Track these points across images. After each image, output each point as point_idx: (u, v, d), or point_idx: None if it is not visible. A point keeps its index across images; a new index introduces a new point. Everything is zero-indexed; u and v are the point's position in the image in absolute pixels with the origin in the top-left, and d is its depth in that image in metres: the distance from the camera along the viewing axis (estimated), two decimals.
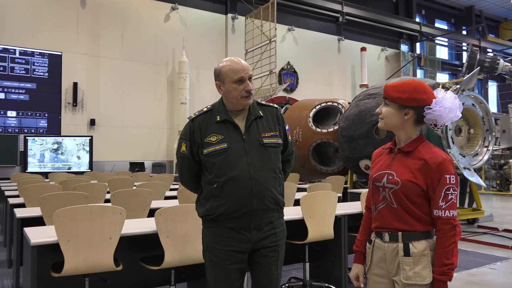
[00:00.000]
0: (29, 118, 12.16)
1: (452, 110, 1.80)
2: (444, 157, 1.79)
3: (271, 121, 2.25)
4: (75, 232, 2.59)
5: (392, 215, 1.83)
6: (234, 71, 2.13)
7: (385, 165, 1.91)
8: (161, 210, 2.89)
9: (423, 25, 20.34)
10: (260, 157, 2.14)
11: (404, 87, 1.83)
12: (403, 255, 1.79)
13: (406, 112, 1.83)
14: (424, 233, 1.80)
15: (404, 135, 1.87)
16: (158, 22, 14.06)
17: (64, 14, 12.46)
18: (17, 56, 12.01)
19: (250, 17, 13.41)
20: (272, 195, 2.15)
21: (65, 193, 4.03)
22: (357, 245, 2.02)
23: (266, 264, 2.17)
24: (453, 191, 1.75)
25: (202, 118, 2.19)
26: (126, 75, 13.41)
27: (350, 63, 18.37)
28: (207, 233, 2.18)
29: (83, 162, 12.23)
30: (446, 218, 1.74)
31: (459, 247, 5.79)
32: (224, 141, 2.11)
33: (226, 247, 2.11)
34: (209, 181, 2.13)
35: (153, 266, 2.95)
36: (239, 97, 2.14)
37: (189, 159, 2.19)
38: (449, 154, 6.74)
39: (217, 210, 2.11)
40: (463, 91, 6.89)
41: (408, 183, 1.79)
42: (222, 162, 2.10)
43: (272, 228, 2.18)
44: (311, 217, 3.67)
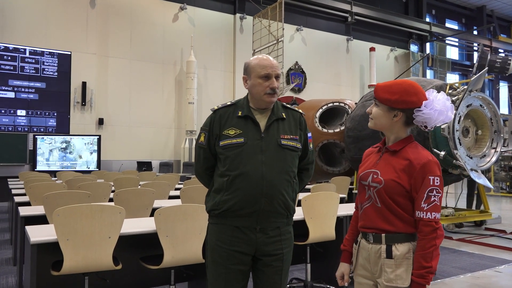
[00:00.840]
0: (39, 117, 12.29)
1: (442, 113, 1.78)
2: (429, 158, 1.77)
3: (293, 125, 2.22)
4: (74, 231, 2.61)
5: (377, 214, 1.82)
6: (261, 66, 2.11)
7: (372, 164, 1.90)
8: (160, 210, 2.90)
9: (433, 25, 20.15)
10: (276, 158, 2.10)
11: (395, 88, 1.80)
12: (385, 257, 1.78)
13: (395, 114, 1.82)
14: (408, 235, 1.78)
15: (393, 135, 1.86)
16: (166, 22, 14.12)
17: (73, 14, 12.58)
18: (27, 55, 12.15)
19: (258, 17, 13.41)
20: (282, 198, 2.10)
21: (68, 192, 4.06)
22: (345, 244, 2.02)
23: (269, 273, 2.12)
24: (436, 193, 1.73)
25: (224, 111, 2.17)
26: (134, 75, 13.50)
27: (359, 63, 18.28)
28: (212, 230, 2.16)
29: (91, 161, 12.33)
30: (427, 220, 1.72)
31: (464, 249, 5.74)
32: (241, 136, 2.09)
33: (230, 246, 2.08)
34: (221, 174, 2.11)
35: (152, 266, 2.96)
36: (263, 93, 2.11)
37: (206, 150, 2.17)
38: (456, 155, 6.67)
39: (224, 204, 2.08)
40: (470, 91, 6.81)
41: (392, 182, 1.77)
42: (236, 156, 2.07)
43: (279, 234, 2.13)
44: (312, 218, 3.65)
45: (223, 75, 15.06)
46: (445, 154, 6.77)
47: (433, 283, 4.32)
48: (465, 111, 6.85)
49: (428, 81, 7.59)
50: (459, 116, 6.74)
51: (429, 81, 7.57)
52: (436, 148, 6.91)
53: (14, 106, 11.98)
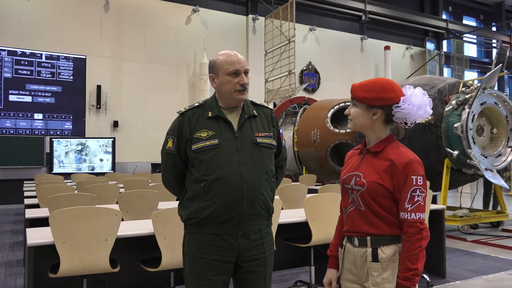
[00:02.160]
0: (55, 120, 12.50)
1: (421, 107, 1.73)
2: (411, 157, 1.72)
3: (265, 121, 2.13)
4: (71, 233, 2.62)
5: (361, 218, 1.77)
6: (229, 62, 2.01)
7: (354, 166, 1.85)
8: (158, 212, 2.89)
9: (450, 22, 19.80)
10: (253, 157, 2.00)
11: (371, 86, 1.77)
12: (371, 261, 1.73)
13: (374, 112, 1.77)
14: (393, 237, 1.73)
15: (373, 135, 1.81)
16: (179, 25, 14.21)
17: (88, 19, 12.77)
18: (43, 60, 12.38)
19: (269, 17, 13.38)
20: (263, 199, 2.01)
21: (73, 194, 4.10)
22: (331, 249, 1.96)
23: (252, 279, 2.02)
24: (420, 192, 1.68)
25: (192, 113, 2.05)
26: (148, 77, 13.62)
27: (374, 62, 18.07)
28: (189, 240, 2.03)
29: (106, 163, 12.48)
30: (412, 221, 1.67)
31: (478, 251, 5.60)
32: (215, 137, 1.98)
33: (210, 256, 1.96)
34: (196, 180, 1.98)
35: (151, 268, 2.95)
36: (233, 91, 2.01)
37: (175, 157, 2.04)
38: (470, 155, 6.51)
39: (202, 212, 1.95)
40: (484, 89, 6.64)
41: (374, 184, 1.73)
42: (212, 159, 1.95)
43: (260, 237, 2.03)
44: (315, 219, 3.60)
45: None
46: (458, 153, 6.62)
47: (443, 287, 4.21)
48: (479, 109, 6.69)
49: (441, 79, 7.45)
50: (472, 114, 6.58)
51: (442, 79, 7.42)
52: (449, 148, 6.77)
53: (31, 110, 12.22)
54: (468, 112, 6.53)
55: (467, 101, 6.68)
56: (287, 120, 10.68)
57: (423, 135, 6.93)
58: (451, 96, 7.03)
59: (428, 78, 7.58)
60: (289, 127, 10.47)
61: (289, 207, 4.98)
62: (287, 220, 3.64)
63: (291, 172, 10.42)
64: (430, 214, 4.38)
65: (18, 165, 11.73)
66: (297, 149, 9.82)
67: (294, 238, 3.86)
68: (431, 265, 4.53)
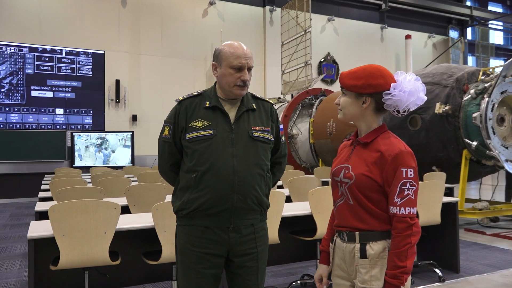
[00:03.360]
0: (76, 115, 12.73)
1: (412, 93, 1.64)
2: (401, 148, 1.63)
3: (264, 116, 2.09)
4: (70, 226, 2.65)
5: (350, 212, 1.70)
6: (235, 56, 1.96)
7: (344, 158, 1.77)
8: (158, 205, 2.89)
9: (474, 9, 19.16)
10: (248, 151, 1.96)
11: (360, 73, 1.68)
12: (359, 257, 1.66)
13: (364, 100, 1.69)
14: (383, 233, 1.65)
15: (364, 125, 1.73)
16: (196, 18, 14.22)
17: (106, 14, 12.90)
18: (63, 56, 12.60)
19: (285, 8, 13.23)
20: (256, 194, 1.97)
21: (82, 188, 4.16)
22: (323, 244, 1.88)
23: (244, 274, 1.99)
24: (410, 186, 1.59)
25: (190, 102, 2.03)
26: (166, 71, 13.71)
27: (394, 52, 17.69)
28: (180, 232, 2.01)
29: (125, 157, 12.65)
30: (401, 216, 1.58)
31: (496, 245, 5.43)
32: (210, 128, 1.95)
33: (200, 248, 1.94)
34: (188, 170, 1.96)
35: (152, 261, 2.96)
36: (232, 85, 1.97)
37: (171, 145, 2.03)
38: (489, 146, 6.30)
39: (193, 204, 1.93)
40: (504, 77, 6.39)
41: (363, 177, 1.65)
42: (205, 149, 1.93)
43: (252, 232, 1.99)
44: (320, 212, 3.54)
45: (254, 68, 14.89)
46: (477, 144, 6.42)
47: (455, 281, 4.10)
48: (499, 98, 6.46)
49: (459, 68, 7.22)
50: (492, 104, 6.36)
51: (461, 68, 7.20)
52: (467, 138, 6.57)
53: (53, 105, 12.47)
54: (488, 101, 6.31)
55: (486, 90, 6.45)
56: (303, 112, 10.57)
57: (440, 125, 6.74)
58: (470, 85, 6.80)
59: (446, 66, 7.36)
60: (306, 119, 10.37)
61: (299, 199, 4.93)
62: (291, 213, 3.59)
63: (308, 165, 10.33)
64: (443, 207, 4.26)
65: (40, 159, 12.02)
66: (313, 141, 9.73)
67: (301, 231, 3.81)
68: (444, 259, 4.42)
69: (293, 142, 10.36)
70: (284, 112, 10.42)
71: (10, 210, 9.86)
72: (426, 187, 4.10)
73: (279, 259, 4.18)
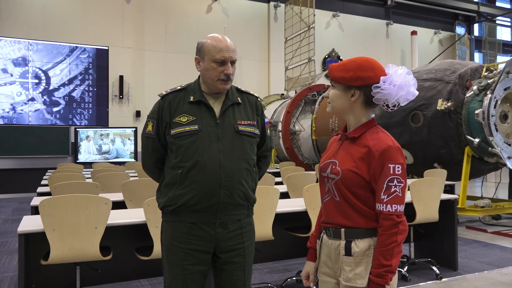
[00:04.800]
0: (79, 110, 12.78)
1: (402, 87, 1.60)
2: (389, 143, 1.59)
3: (249, 109, 2.07)
4: (60, 221, 2.65)
5: (336, 208, 1.67)
6: (217, 49, 1.91)
7: (332, 153, 1.74)
8: (149, 201, 2.87)
9: (481, 5, 18.92)
10: (234, 145, 1.94)
11: (349, 65, 1.65)
12: (344, 254, 1.63)
13: (352, 93, 1.65)
14: (369, 230, 1.62)
15: (353, 119, 1.69)
16: (200, 14, 14.19)
17: (110, 10, 12.91)
18: (67, 51, 12.63)
19: (289, 4, 13.16)
20: (243, 189, 1.95)
21: (78, 183, 4.16)
22: (311, 241, 1.85)
23: (231, 270, 1.97)
24: (397, 182, 1.56)
25: (174, 96, 2.00)
26: (169, 67, 13.70)
27: (400, 48, 17.55)
28: (166, 228, 1.99)
29: (127, 153, 12.68)
30: (387, 213, 1.55)
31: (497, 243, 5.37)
32: (195, 123, 1.92)
33: (187, 245, 1.92)
34: (173, 166, 1.93)
35: (144, 256, 2.96)
36: (216, 79, 1.94)
37: (155, 140, 1.99)
38: (491, 143, 6.23)
39: (179, 200, 1.90)
40: (508, 73, 6.31)
41: (349, 173, 1.62)
42: (190, 145, 1.90)
43: (239, 227, 1.98)
44: (314, 208, 3.51)
45: (257, 65, 14.97)
46: (479, 141, 6.35)
47: (453, 279, 4.06)
48: (502, 95, 6.38)
49: (462, 64, 7.14)
50: (495, 100, 6.29)
51: (464, 64, 7.12)
52: (469, 135, 6.50)
53: (56, 100, 12.52)
54: (490, 98, 6.23)
55: (489, 86, 6.37)
56: (306, 108, 10.52)
57: (442, 122, 6.68)
58: (472, 81, 6.73)
59: (449, 62, 7.28)
60: (308, 116, 10.32)
61: (297, 195, 4.90)
62: (286, 210, 3.57)
63: (310, 161, 10.29)
64: (442, 204, 4.22)
65: (44, 154, 12.09)
66: (315, 137, 9.69)
67: (296, 228, 3.79)
68: (442, 257, 4.38)
69: (296, 139, 10.32)
70: (286, 109, 10.38)
71: (13, 205, 9.93)
72: (424, 184, 4.06)
73: (275, 255, 4.16)
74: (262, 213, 3.28)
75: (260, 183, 2.22)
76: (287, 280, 3.91)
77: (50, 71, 12.48)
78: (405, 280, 3.98)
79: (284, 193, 4.85)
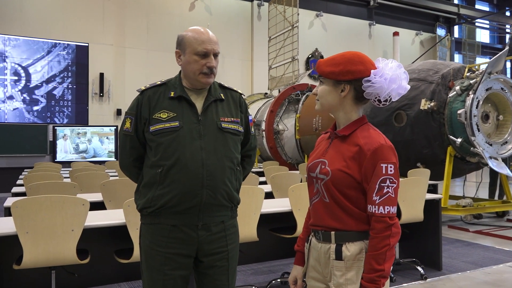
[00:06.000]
0: (58, 108, 12.47)
1: (393, 81, 1.53)
2: (381, 142, 1.52)
3: (233, 106, 1.98)
4: (34, 223, 2.51)
5: (325, 210, 1.58)
6: (199, 41, 1.83)
7: (321, 153, 1.66)
8: (129, 201, 2.75)
9: (461, 7, 19.23)
10: (217, 143, 1.85)
11: (338, 59, 1.57)
12: (334, 259, 1.55)
13: (342, 88, 1.58)
14: (360, 233, 1.54)
15: (343, 116, 1.62)
16: (183, 11, 14.01)
17: (90, 6, 12.64)
18: (45, 48, 12.30)
19: (273, 2, 13.10)
20: (226, 189, 1.86)
21: (54, 183, 4.00)
22: (298, 244, 1.77)
23: (214, 275, 1.88)
24: (390, 183, 1.48)
25: (153, 91, 1.90)
26: (151, 65, 13.48)
27: (382, 49, 17.68)
28: (145, 232, 1.88)
29: (105, 152, 12.43)
30: (380, 216, 1.47)
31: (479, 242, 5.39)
32: (176, 119, 1.82)
33: (167, 249, 1.81)
34: (152, 165, 1.82)
35: (124, 259, 2.84)
36: (198, 73, 1.85)
37: (133, 138, 1.88)
38: (473, 142, 6.28)
39: (158, 201, 1.80)
40: (490, 74, 6.37)
41: (339, 173, 1.54)
42: (170, 142, 1.80)
43: (223, 229, 1.88)
44: (300, 209, 3.44)
45: (241, 63, 14.87)
46: (462, 141, 6.39)
47: (437, 279, 4.05)
48: (484, 95, 6.43)
49: (445, 64, 7.19)
50: (477, 100, 6.33)
51: (446, 64, 7.17)
52: (452, 135, 6.53)
53: (35, 98, 12.19)
54: (473, 98, 6.27)
55: (471, 87, 6.42)
56: (289, 107, 10.47)
57: (425, 122, 6.70)
58: (455, 81, 6.77)
59: (432, 63, 7.32)
60: (292, 115, 10.27)
61: (281, 196, 4.83)
62: (271, 210, 3.49)
63: (293, 161, 10.25)
64: (426, 204, 4.20)
65: (22, 153, 11.76)
66: (299, 137, 9.64)
67: (281, 228, 3.72)
68: (426, 257, 4.36)
69: (279, 138, 10.26)
70: (270, 108, 10.31)
71: None
72: (409, 184, 4.04)
73: (259, 256, 4.08)
74: (247, 213, 3.19)
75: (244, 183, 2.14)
76: (272, 282, 3.83)
77: (31, 68, 12.13)
78: (390, 280, 3.95)
79: (268, 193, 4.78)
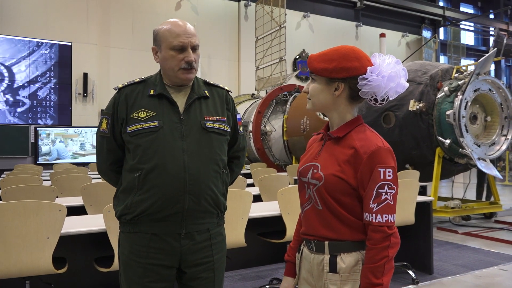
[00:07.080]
0: (41, 109, 12.16)
1: (392, 78, 1.41)
2: (379, 144, 1.40)
3: (218, 104, 1.83)
4: (6, 230, 2.34)
5: (318, 218, 1.46)
6: (174, 34, 1.70)
7: (313, 156, 1.53)
8: (109, 207, 2.59)
9: (446, 9, 19.40)
10: (200, 144, 1.71)
11: (331, 55, 1.44)
12: (328, 271, 1.42)
13: (336, 87, 1.45)
14: (356, 243, 1.42)
15: (337, 116, 1.49)
16: (169, 11, 13.80)
17: (73, 4, 12.36)
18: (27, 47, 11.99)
19: (260, 3, 12.99)
20: (211, 193, 1.72)
21: (31, 186, 3.81)
22: (288, 254, 1.64)
23: (198, 287, 1.75)
24: (388, 189, 1.36)
25: (131, 89, 1.76)
26: (136, 65, 13.25)
27: (369, 50, 17.68)
28: (124, 241, 1.74)
29: (69, 153, 12.08)
30: (377, 225, 1.35)
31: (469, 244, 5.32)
32: (155, 119, 1.69)
33: (147, 259, 1.68)
34: (131, 168, 1.70)
35: (104, 268, 2.68)
36: (177, 69, 1.71)
37: (109, 140, 1.75)
38: (462, 144, 6.24)
39: (137, 207, 1.67)
40: (478, 75, 6.35)
41: (333, 178, 1.41)
42: (150, 144, 1.67)
43: (208, 238, 1.74)
44: (289, 213, 3.32)
45: (227, 64, 14.73)
46: (450, 142, 6.36)
47: (429, 283, 3.97)
48: (472, 96, 6.41)
49: (433, 65, 7.15)
50: (465, 102, 6.30)
51: (435, 65, 7.13)
52: (441, 136, 6.49)
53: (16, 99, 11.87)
54: (461, 99, 6.24)
55: (460, 88, 6.39)
56: (277, 108, 10.36)
57: (414, 123, 6.65)
58: (443, 82, 6.74)
59: (421, 63, 7.28)
60: (279, 116, 10.16)
61: (269, 199, 4.70)
62: (260, 214, 3.36)
63: (281, 162, 10.14)
64: (418, 206, 4.12)
65: (2, 154, 11.42)
66: (286, 138, 9.54)
67: (270, 233, 3.59)
68: (417, 260, 4.28)
69: (267, 139, 10.15)
70: (257, 109, 10.19)
71: None
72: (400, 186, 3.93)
73: (247, 262, 3.96)
74: (234, 218, 3.06)
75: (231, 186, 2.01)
76: None
77: (14, 67, 11.80)
78: None
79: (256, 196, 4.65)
